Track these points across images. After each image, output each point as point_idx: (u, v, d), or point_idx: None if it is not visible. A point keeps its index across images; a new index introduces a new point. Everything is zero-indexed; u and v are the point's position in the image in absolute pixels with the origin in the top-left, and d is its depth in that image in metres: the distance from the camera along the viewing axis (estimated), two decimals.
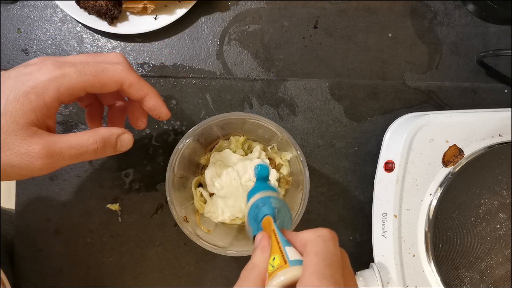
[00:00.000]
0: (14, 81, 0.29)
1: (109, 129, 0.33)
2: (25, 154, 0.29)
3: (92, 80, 0.31)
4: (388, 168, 0.43)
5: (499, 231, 0.41)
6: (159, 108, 0.35)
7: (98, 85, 0.31)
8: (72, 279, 0.46)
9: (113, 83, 0.32)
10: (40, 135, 0.30)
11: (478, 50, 0.50)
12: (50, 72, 0.30)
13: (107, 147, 0.33)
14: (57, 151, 0.30)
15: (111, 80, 0.32)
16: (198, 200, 0.43)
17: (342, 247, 0.48)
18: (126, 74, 0.32)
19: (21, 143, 0.29)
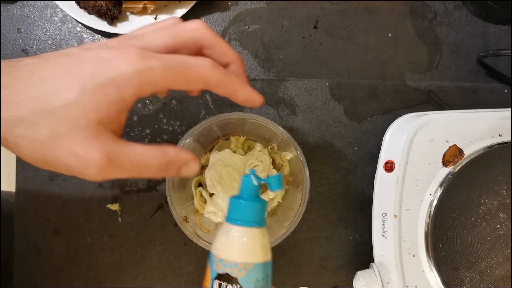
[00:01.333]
0: (92, 67, 0.25)
1: (179, 152, 0.29)
2: (82, 158, 0.25)
3: (177, 77, 0.27)
4: (388, 168, 0.43)
5: (499, 231, 0.41)
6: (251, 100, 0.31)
7: (183, 84, 0.28)
8: (72, 279, 0.46)
9: (198, 83, 0.28)
10: (105, 140, 0.26)
11: (478, 50, 0.50)
12: (134, 62, 0.26)
13: (169, 170, 0.29)
14: (117, 164, 0.26)
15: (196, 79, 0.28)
16: (198, 200, 0.43)
17: (342, 247, 0.48)
18: (212, 72, 0.28)
19: (83, 144, 0.25)
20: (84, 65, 0.25)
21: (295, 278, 0.48)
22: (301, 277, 0.48)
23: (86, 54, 0.26)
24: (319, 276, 0.48)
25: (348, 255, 0.48)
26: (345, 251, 0.48)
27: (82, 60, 0.26)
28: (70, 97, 0.24)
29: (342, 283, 0.48)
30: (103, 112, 0.25)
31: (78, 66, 0.25)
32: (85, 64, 0.25)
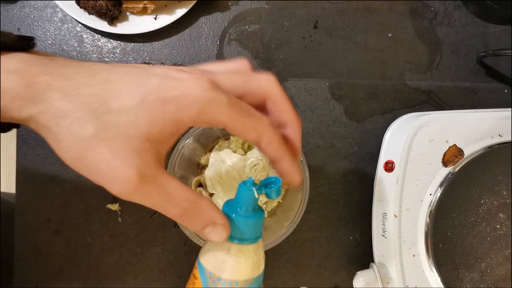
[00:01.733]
0: (160, 81, 0.24)
1: (213, 209, 0.27)
2: (115, 168, 0.24)
3: (236, 120, 0.25)
4: (388, 168, 0.43)
5: (499, 231, 0.41)
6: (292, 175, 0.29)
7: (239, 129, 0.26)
8: (72, 279, 0.46)
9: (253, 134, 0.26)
10: (146, 159, 0.24)
11: (478, 50, 0.50)
12: (203, 89, 0.24)
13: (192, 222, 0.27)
14: (147, 189, 0.25)
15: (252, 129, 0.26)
16: None
17: (342, 247, 0.49)
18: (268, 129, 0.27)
19: (122, 154, 0.23)
20: (153, 78, 0.24)
21: (295, 278, 0.48)
22: (301, 277, 0.48)
23: (157, 69, 0.25)
24: (319, 276, 0.48)
25: (348, 255, 0.48)
26: (345, 251, 0.48)
27: (152, 73, 0.25)
28: (128, 103, 0.23)
29: (342, 283, 0.48)
30: (156, 128, 0.24)
31: (146, 77, 0.24)
32: (154, 77, 0.24)
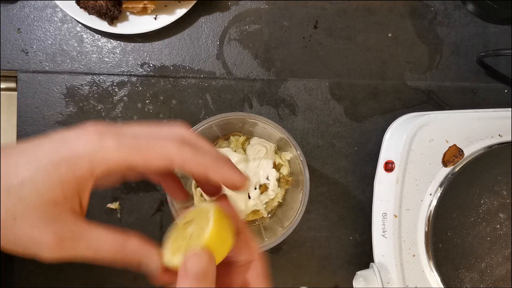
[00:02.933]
0: (52, 146, 0.25)
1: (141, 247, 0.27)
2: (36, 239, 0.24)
3: (133, 155, 0.26)
4: (388, 168, 0.43)
5: (499, 231, 0.41)
6: (227, 180, 0.28)
7: (141, 162, 0.26)
8: (72, 279, 0.46)
9: (160, 162, 0.26)
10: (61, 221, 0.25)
11: (478, 50, 0.50)
12: (88, 142, 0.25)
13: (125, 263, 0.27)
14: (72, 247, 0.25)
15: (157, 157, 0.26)
16: (198, 200, 0.43)
17: (342, 247, 0.48)
18: (177, 150, 0.27)
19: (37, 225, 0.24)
20: (47, 144, 0.25)
21: (295, 278, 0.48)
22: (301, 277, 0.48)
23: (55, 135, 0.26)
24: (319, 276, 0.48)
25: (348, 255, 0.48)
26: (345, 251, 0.48)
27: (48, 139, 0.25)
28: (25, 175, 0.24)
29: (342, 283, 0.48)
30: (57, 191, 0.24)
31: (41, 144, 0.25)
32: (48, 143, 0.25)
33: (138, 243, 0.27)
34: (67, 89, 0.47)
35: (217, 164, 0.28)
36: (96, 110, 0.47)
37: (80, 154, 0.25)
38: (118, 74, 0.47)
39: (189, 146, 0.27)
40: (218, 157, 0.28)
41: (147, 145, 0.26)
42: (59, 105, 0.47)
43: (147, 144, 0.26)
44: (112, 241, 0.26)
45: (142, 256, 0.27)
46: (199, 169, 0.27)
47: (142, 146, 0.26)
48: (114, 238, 0.26)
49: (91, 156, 0.25)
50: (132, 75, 0.48)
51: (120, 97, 0.47)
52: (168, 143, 0.27)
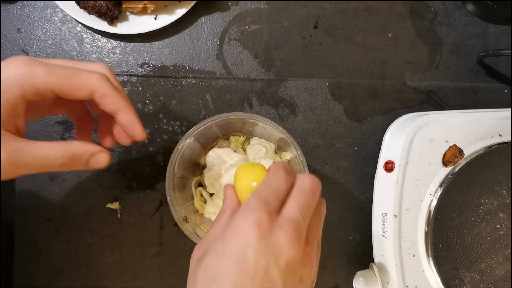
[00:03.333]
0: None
1: (84, 145, 0.31)
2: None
3: (61, 82, 0.29)
4: (388, 168, 0.43)
5: (499, 231, 0.41)
6: (133, 125, 0.33)
7: (67, 89, 0.30)
8: (72, 279, 0.46)
9: (84, 90, 0.30)
10: (6, 141, 0.28)
11: (478, 50, 0.50)
12: (18, 68, 0.28)
13: (76, 163, 0.31)
14: (21, 160, 0.28)
15: (82, 86, 0.30)
16: (198, 200, 0.43)
17: (342, 247, 0.48)
18: (100, 83, 0.30)
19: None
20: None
21: None
22: None
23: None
24: (319, 276, 0.48)
25: (348, 255, 0.48)
26: (345, 251, 0.48)
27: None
28: None
29: (342, 283, 0.48)
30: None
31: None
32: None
33: (81, 143, 0.31)
34: None
35: (130, 108, 0.32)
36: None
37: (12, 80, 0.28)
38: (118, 74, 0.47)
39: (110, 83, 0.31)
40: (129, 103, 0.33)
41: (73, 74, 0.30)
42: None
43: (73, 73, 0.30)
44: (57, 146, 0.29)
45: (88, 152, 0.31)
46: (113, 106, 0.31)
47: (69, 74, 0.29)
48: (57, 144, 0.30)
49: (21, 81, 0.28)
50: (132, 75, 0.48)
51: None
52: (93, 76, 0.30)
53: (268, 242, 0.26)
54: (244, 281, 0.25)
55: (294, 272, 0.26)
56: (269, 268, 0.25)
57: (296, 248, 0.26)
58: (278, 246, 0.26)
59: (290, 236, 0.26)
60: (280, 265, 0.25)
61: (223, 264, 0.25)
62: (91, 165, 0.31)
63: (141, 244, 0.47)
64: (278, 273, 0.25)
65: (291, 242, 0.26)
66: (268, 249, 0.25)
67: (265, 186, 0.28)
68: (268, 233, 0.26)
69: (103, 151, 0.32)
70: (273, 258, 0.25)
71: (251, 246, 0.25)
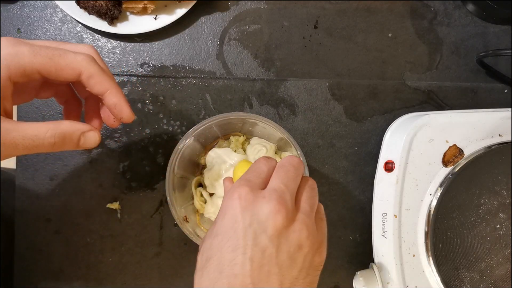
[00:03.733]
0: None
1: (73, 124, 0.31)
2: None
3: (46, 62, 0.29)
4: (388, 168, 0.43)
5: (499, 231, 0.41)
6: (120, 107, 0.32)
7: (53, 70, 0.29)
8: (72, 279, 0.46)
9: (70, 71, 0.30)
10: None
11: (478, 50, 0.50)
12: (3, 49, 0.28)
13: (66, 143, 0.30)
14: (10, 140, 0.28)
15: (68, 66, 0.29)
16: (198, 200, 0.43)
17: (342, 247, 0.48)
18: (86, 64, 0.30)
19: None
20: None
21: None
22: None
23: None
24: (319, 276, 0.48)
25: (348, 255, 0.48)
26: (345, 251, 0.48)
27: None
28: None
29: (342, 283, 0.48)
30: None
31: None
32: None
33: (71, 122, 0.30)
34: None
35: (117, 89, 0.32)
36: None
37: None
38: (118, 74, 0.47)
39: (97, 64, 0.31)
40: (117, 85, 0.32)
41: (59, 55, 0.29)
42: (59, 105, 0.47)
43: (59, 54, 0.29)
44: (46, 126, 0.29)
45: (78, 130, 0.30)
46: (101, 87, 0.31)
47: (55, 55, 0.29)
48: (47, 124, 0.29)
49: (7, 61, 0.28)
50: (132, 75, 0.48)
51: None
52: (79, 57, 0.30)
53: (253, 212, 0.26)
54: (236, 255, 0.25)
55: (286, 237, 0.26)
56: (258, 236, 0.26)
57: (281, 213, 0.26)
58: (263, 213, 0.26)
59: (274, 203, 0.26)
60: (268, 231, 0.26)
61: (215, 244, 0.26)
62: (81, 144, 0.31)
63: (141, 244, 0.47)
64: (267, 239, 0.26)
65: (275, 208, 0.26)
66: (254, 218, 0.26)
67: (248, 170, 0.30)
68: (252, 205, 0.27)
69: (93, 130, 0.31)
70: (259, 226, 0.26)
71: (238, 219, 0.26)
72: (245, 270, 0.25)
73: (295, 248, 0.27)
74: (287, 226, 0.27)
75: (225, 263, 0.25)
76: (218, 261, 0.25)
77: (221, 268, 0.25)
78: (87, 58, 0.30)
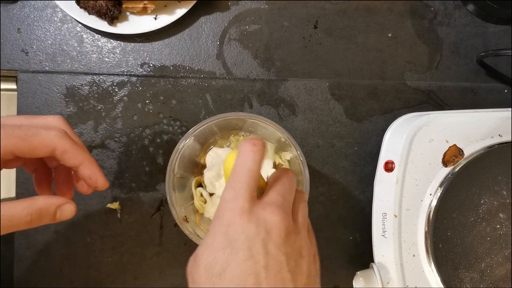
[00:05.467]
0: None
1: (48, 198, 0.31)
2: None
3: (20, 143, 0.29)
4: (388, 168, 0.43)
5: (499, 231, 0.41)
6: (95, 178, 0.33)
7: (27, 149, 0.30)
8: (72, 279, 0.46)
9: (44, 148, 0.30)
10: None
11: (478, 50, 0.50)
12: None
13: (43, 218, 0.31)
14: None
15: (41, 145, 0.30)
16: (198, 200, 0.43)
17: (342, 247, 0.48)
18: (59, 140, 0.30)
19: None
20: None
21: None
22: None
23: None
24: None
25: (348, 255, 0.48)
26: (345, 251, 0.48)
27: None
28: None
29: (342, 283, 0.48)
30: None
31: None
32: None
33: (45, 197, 0.31)
34: (67, 89, 0.47)
35: (91, 161, 0.32)
36: (96, 110, 0.47)
37: None
38: (118, 74, 0.48)
39: (70, 139, 0.31)
40: (90, 156, 0.33)
41: (32, 135, 0.30)
42: (59, 105, 0.47)
43: (32, 134, 0.30)
44: (21, 204, 0.29)
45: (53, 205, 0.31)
46: (75, 161, 0.32)
47: (27, 135, 0.29)
48: (22, 202, 0.30)
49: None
50: (132, 75, 0.48)
51: (120, 97, 0.47)
52: (52, 133, 0.30)
53: (258, 222, 0.26)
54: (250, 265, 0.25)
55: (291, 246, 0.27)
56: (267, 245, 0.26)
57: (285, 219, 0.27)
58: (267, 222, 0.26)
59: (276, 212, 0.27)
60: (275, 240, 0.26)
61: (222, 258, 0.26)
62: (58, 217, 0.31)
63: (141, 244, 0.47)
64: (276, 247, 0.26)
65: (278, 216, 0.27)
66: (260, 229, 0.26)
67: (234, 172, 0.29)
68: (254, 216, 0.27)
69: (68, 202, 0.32)
70: (267, 235, 0.26)
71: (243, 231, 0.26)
72: (261, 279, 0.25)
73: (298, 256, 0.27)
74: (289, 235, 0.27)
75: (241, 275, 0.25)
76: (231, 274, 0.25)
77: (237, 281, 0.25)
78: (60, 133, 0.31)
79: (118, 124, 0.47)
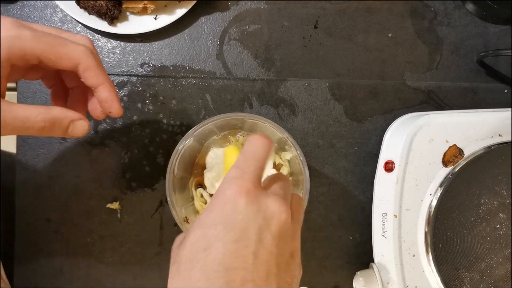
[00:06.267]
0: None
1: (64, 111, 0.31)
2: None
3: (47, 49, 0.29)
4: (388, 168, 0.43)
5: (499, 231, 0.41)
6: (111, 102, 0.33)
7: (53, 57, 0.30)
8: (72, 279, 0.46)
9: (69, 60, 0.30)
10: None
11: (478, 50, 0.50)
12: (7, 30, 0.28)
13: (56, 128, 0.31)
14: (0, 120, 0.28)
15: (67, 56, 0.30)
16: (198, 201, 0.43)
17: (342, 247, 0.49)
18: (85, 56, 0.31)
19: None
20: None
21: None
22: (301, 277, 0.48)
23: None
24: (319, 276, 0.48)
25: (348, 255, 0.48)
26: (345, 251, 0.48)
27: None
28: None
29: (342, 283, 0.48)
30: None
31: None
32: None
33: (62, 109, 0.31)
34: None
35: (110, 84, 0.32)
36: None
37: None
38: (118, 74, 0.47)
39: (94, 57, 0.31)
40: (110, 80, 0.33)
41: (60, 44, 0.30)
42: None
43: (60, 43, 0.30)
44: (37, 109, 0.29)
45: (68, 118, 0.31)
46: (96, 80, 0.32)
47: (56, 43, 0.29)
48: (38, 108, 0.29)
49: (9, 43, 0.28)
50: (132, 75, 0.48)
51: (120, 97, 0.47)
52: (79, 48, 0.30)
53: (259, 207, 0.25)
54: (238, 247, 0.24)
55: (286, 242, 0.26)
56: (262, 232, 0.25)
57: (286, 213, 0.26)
58: (269, 210, 0.26)
59: (279, 202, 0.26)
60: (272, 229, 0.25)
61: (212, 234, 0.24)
62: (70, 132, 0.31)
63: (141, 244, 0.47)
64: (271, 236, 0.25)
65: (281, 207, 0.26)
66: (259, 214, 0.25)
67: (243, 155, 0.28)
68: (257, 200, 0.26)
69: (82, 119, 0.32)
70: (265, 222, 0.25)
71: (241, 211, 0.25)
72: (247, 264, 0.24)
73: (289, 255, 0.26)
74: (286, 231, 0.26)
75: (226, 254, 0.24)
76: (217, 251, 0.24)
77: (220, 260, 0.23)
78: (86, 50, 0.31)
79: (118, 124, 0.47)
